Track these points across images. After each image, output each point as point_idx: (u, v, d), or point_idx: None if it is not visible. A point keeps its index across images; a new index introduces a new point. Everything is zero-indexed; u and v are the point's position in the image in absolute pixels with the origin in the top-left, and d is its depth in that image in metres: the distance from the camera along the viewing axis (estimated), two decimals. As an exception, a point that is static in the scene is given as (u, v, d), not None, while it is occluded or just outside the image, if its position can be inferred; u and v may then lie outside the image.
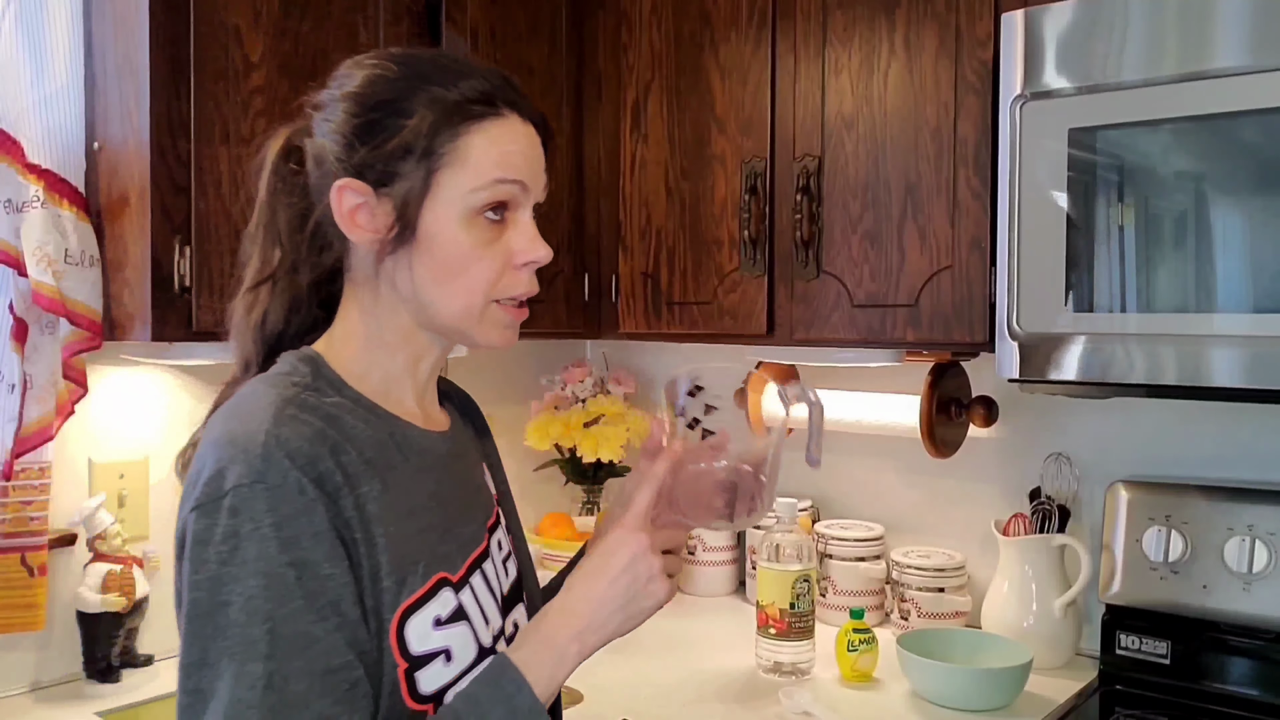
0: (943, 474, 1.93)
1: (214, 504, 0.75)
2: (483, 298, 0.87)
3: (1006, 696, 1.51)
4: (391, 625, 0.80)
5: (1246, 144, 1.25)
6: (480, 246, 0.85)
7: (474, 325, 0.88)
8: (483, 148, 0.85)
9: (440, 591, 0.84)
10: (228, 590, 0.74)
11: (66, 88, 1.48)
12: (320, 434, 0.79)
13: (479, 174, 0.84)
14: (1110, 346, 1.34)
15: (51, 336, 1.49)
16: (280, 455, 0.76)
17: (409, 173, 0.83)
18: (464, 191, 0.84)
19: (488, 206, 0.85)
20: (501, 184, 0.85)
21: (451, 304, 0.86)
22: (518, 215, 0.88)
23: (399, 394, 0.90)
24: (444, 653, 0.83)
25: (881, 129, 1.61)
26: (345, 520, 0.78)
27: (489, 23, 1.77)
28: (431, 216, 0.84)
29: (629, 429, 2.16)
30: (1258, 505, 1.54)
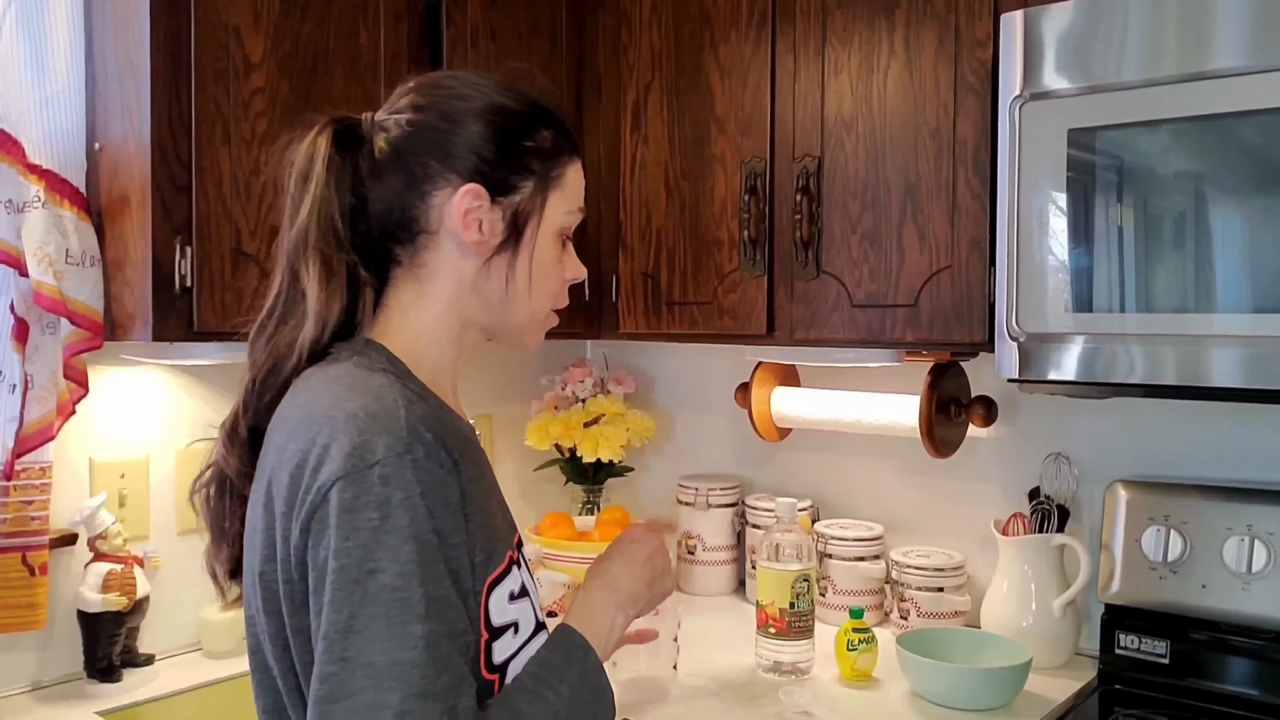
0: (942, 474, 1.93)
1: (363, 474, 0.78)
2: (549, 306, 1.00)
3: (1006, 696, 1.51)
4: (483, 596, 0.85)
5: (1246, 144, 1.25)
6: (556, 263, 0.99)
7: (532, 328, 1.00)
8: (575, 179, 0.99)
9: (514, 567, 0.91)
10: (379, 557, 0.76)
11: (67, 88, 1.48)
12: (437, 416, 0.86)
13: (574, 200, 0.99)
14: (1110, 346, 1.34)
15: (52, 336, 1.50)
16: (424, 432, 0.81)
17: (527, 189, 0.94)
18: (562, 213, 0.97)
19: (566, 230, 0.99)
20: (581, 212, 1.01)
21: (527, 309, 0.97)
22: (569, 240, 1.01)
23: (443, 385, 0.96)
24: (514, 625, 0.89)
25: (881, 129, 1.61)
26: (460, 495, 0.84)
27: (489, 23, 1.77)
28: (534, 230, 0.95)
29: (629, 429, 2.16)
30: (1257, 505, 1.54)
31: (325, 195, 0.90)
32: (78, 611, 1.56)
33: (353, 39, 1.57)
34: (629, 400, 2.26)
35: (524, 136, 0.95)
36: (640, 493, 2.38)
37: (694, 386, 2.30)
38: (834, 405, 1.94)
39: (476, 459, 0.91)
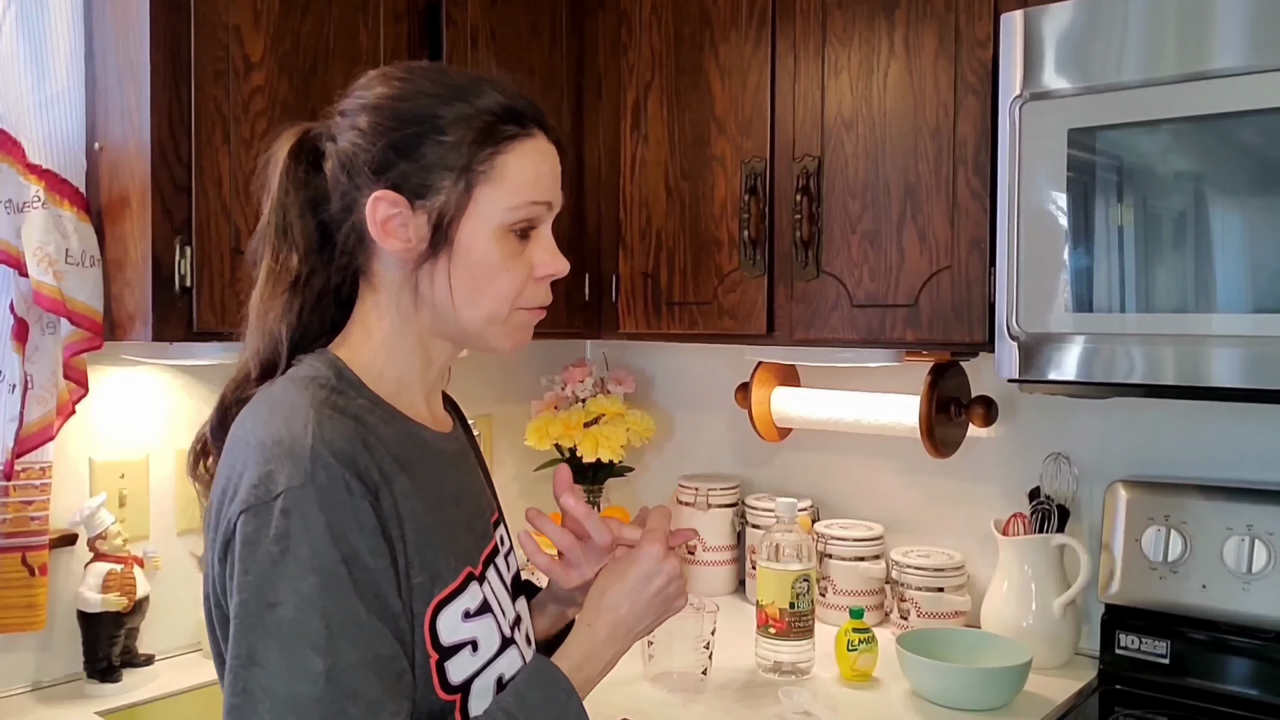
0: (942, 474, 1.93)
1: (265, 506, 0.77)
2: (508, 307, 0.90)
3: (1006, 696, 1.51)
4: (425, 619, 0.83)
5: (1246, 144, 1.25)
6: (508, 259, 0.89)
7: (498, 333, 0.92)
8: (518, 167, 0.89)
9: (469, 585, 0.88)
10: (279, 590, 0.75)
11: (67, 88, 1.48)
12: (356, 434, 0.82)
13: (515, 194, 0.88)
14: (1110, 346, 1.34)
15: (52, 336, 1.50)
16: (327, 455, 0.78)
17: (447, 187, 0.87)
18: (500, 209, 0.88)
19: (520, 225, 0.89)
20: (534, 205, 0.90)
21: (478, 313, 0.90)
22: (540, 230, 0.92)
23: (410, 396, 0.93)
24: (471, 643, 0.87)
25: (881, 129, 1.61)
26: (384, 516, 0.81)
27: (489, 23, 1.77)
28: (467, 230, 0.88)
29: (629, 429, 2.16)
30: (1257, 505, 1.54)
31: (280, 203, 0.89)
32: (78, 612, 1.56)
33: (353, 39, 1.57)
34: (629, 400, 2.26)
35: (439, 131, 0.86)
36: (640, 493, 2.38)
37: (694, 386, 2.30)
38: (834, 405, 1.94)
39: (431, 474, 0.89)
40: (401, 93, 0.88)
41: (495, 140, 0.87)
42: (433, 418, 0.96)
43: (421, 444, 0.90)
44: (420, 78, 0.89)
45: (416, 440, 0.90)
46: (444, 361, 0.96)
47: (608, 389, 2.25)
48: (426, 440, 0.91)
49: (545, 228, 0.92)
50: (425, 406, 0.95)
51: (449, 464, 0.94)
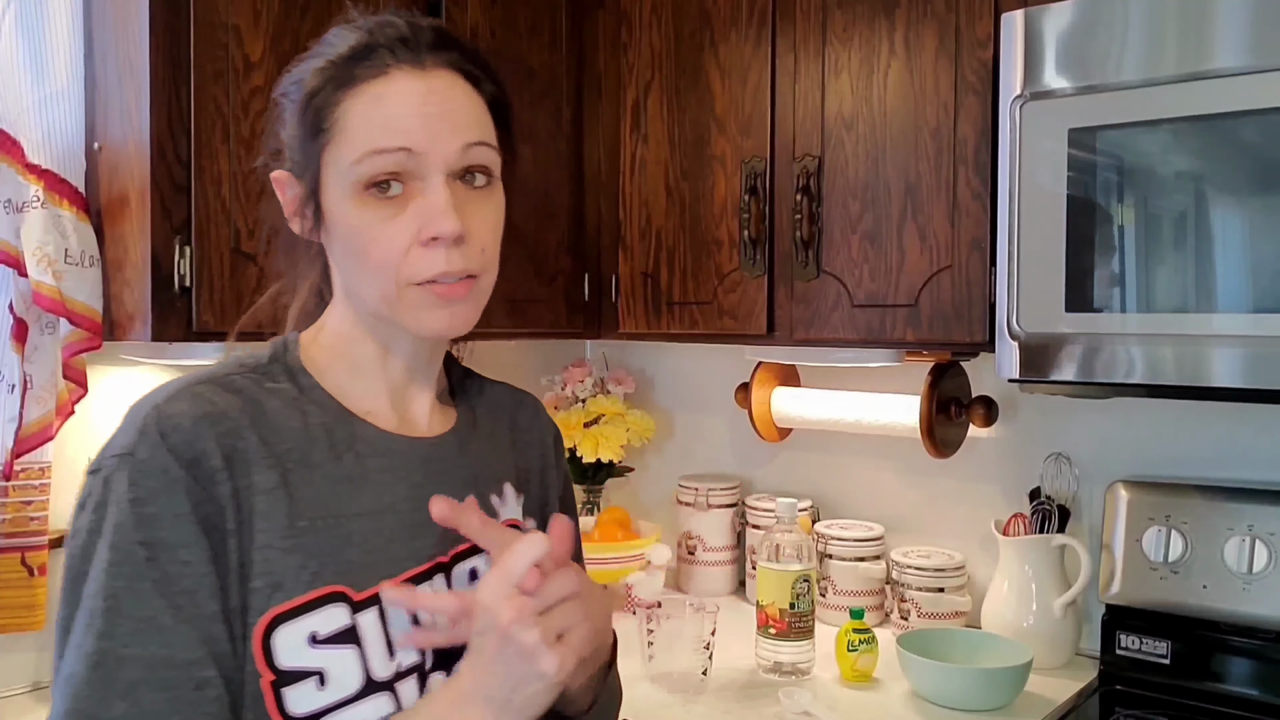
0: (943, 474, 1.93)
1: (95, 472, 0.75)
2: (393, 282, 0.78)
3: (1006, 696, 1.51)
4: (257, 631, 0.73)
5: (1246, 144, 1.25)
6: (375, 225, 0.77)
7: (398, 308, 0.80)
8: (358, 115, 0.77)
9: (328, 606, 0.75)
10: (88, 560, 0.71)
11: (67, 88, 1.48)
12: (217, 415, 0.75)
13: (354, 147, 0.77)
14: (1110, 346, 1.34)
15: (52, 336, 1.50)
16: (155, 431, 0.73)
17: (309, 154, 0.79)
18: (344, 168, 0.77)
19: (371, 183, 0.77)
20: (379, 155, 0.76)
21: (370, 290, 0.80)
22: (424, 185, 0.78)
23: (366, 390, 0.85)
24: (318, 674, 0.75)
25: (881, 129, 1.61)
26: (217, 507, 0.73)
27: (489, 23, 1.77)
28: (329, 199, 0.79)
29: (629, 429, 2.16)
30: (1257, 505, 1.54)
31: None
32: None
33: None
34: (629, 400, 2.26)
35: (294, 96, 0.80)
36: (640, 493, 2.38)
37: (694, 386, 2.30)
38: (834, 405, 1.94)
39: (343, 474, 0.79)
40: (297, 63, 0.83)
41: (337, 89, 0.78)
42: (400, 417, 0.86)
43: (348, 441, 0.81)
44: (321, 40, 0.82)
45: (343, 437, 0.81)
46: (409, 349, 0.85)
47: (608, 389, 2.25)
48: (365, 438, 0.82)
49: (429, 182, 0.77)
50: (390, 404, 0.85)
51: (393, 468, 0.82)
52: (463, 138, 0.79)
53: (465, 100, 0.80)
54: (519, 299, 1.83)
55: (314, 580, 0.75)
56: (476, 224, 0.80)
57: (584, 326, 1.98)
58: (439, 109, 0.78)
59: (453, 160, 0.78)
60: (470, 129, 0.79)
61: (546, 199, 1.88)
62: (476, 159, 0.80)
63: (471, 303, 0.81)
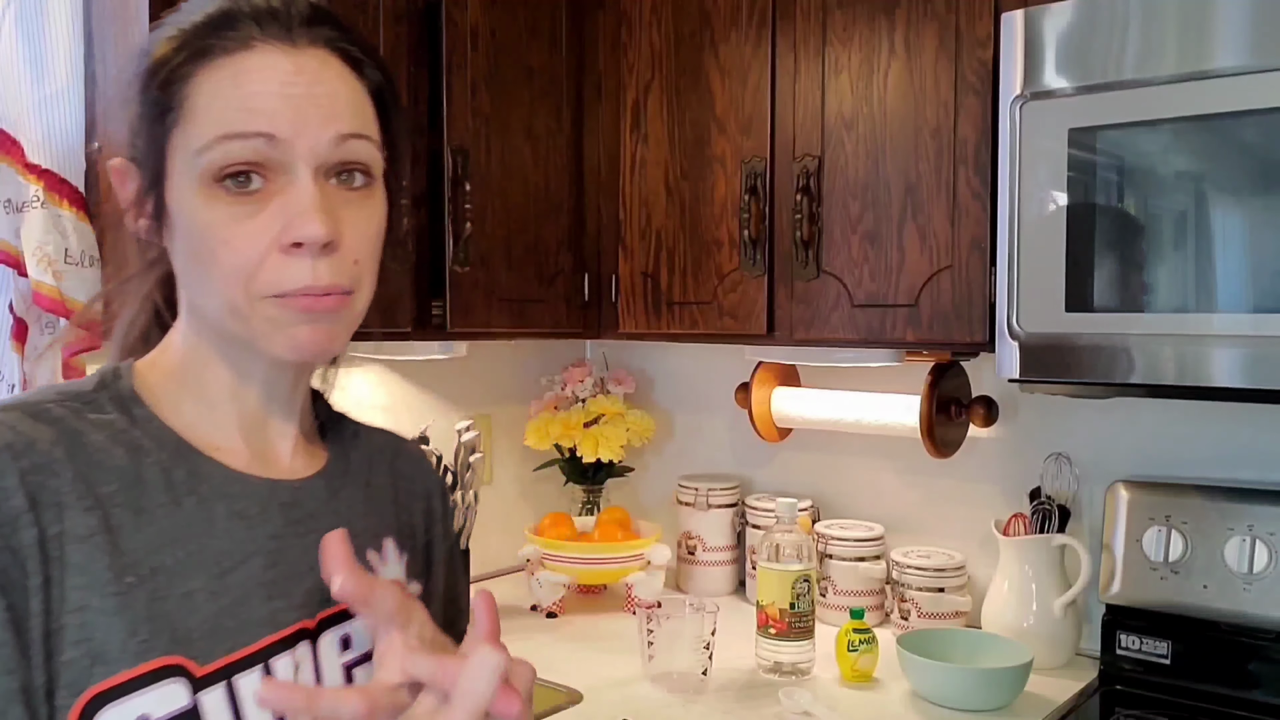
0: (943, 474, 1.93)
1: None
2: (243, 293, 0.65)
3: (1006, 696, 1.51)
4: (72, 715, 0.60)
5: (1246, 144, 1.25)
6: (227, 225, 0.64)
7: (249, 329, 0.67)
8: (212, 93, 0.65)
9: (163, 682, 0.62)
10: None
11: (67, 88, 1.48)
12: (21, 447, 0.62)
13: (204, 130, 0.64)
14: (1110, 346, 1.34)
15: (52, 337, 1.49)
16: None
17: (153, 138, 0.67)
18: (190, 155, 0.65)
19: (224, 174, 0.64)
20: (233, 141, 0.64)
21: (213, 301, 0.67)
22: (289, 180, 0.65)
23: (215, 424, 0.71)
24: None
25: (881, 129, 1.61)
26: (17, 558, 0.60)
27: (489, 23, 1.77)
28: (174, 192, 0.67)
29: (629, 429, 2.16)
30: (1258, 505, 1.54)
31: None
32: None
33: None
34: (629, 400, 2.26)
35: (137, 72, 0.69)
36: (640, 493, 2.38)
37: (694, 386, 2.30)
38: (834, 405, 1.94)
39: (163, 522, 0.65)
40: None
41: (187, 63, 0.66)
42: (255, 455, 0.72)
43: (190, 482, 0.68)
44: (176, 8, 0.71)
45: (183, 477, 0.67)
46: (266, 377, 0.72)
47: (608, 389, 2.25)
48: (211, 479, 0.69)
49: (296, 177, 0.65)
50: (241, 437, 0.72)
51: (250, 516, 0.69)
52: (336, 127, 0.66)
53: (341, 84, 0.68)
54: (519, 299, 1.83)
55: (145, 650, 0.62)
56: (351, 231, 0.67)
57: (584, 326, 1.98)
58: (308, 91, 0.65)
59: (323, 153, 0.66)
60: (346, 118, 0.67)
61: (546, 199, 1.88)
62: (353, 154, 0.68)
63: (342, 322, 0.69)
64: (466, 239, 1.69)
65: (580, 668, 1.65)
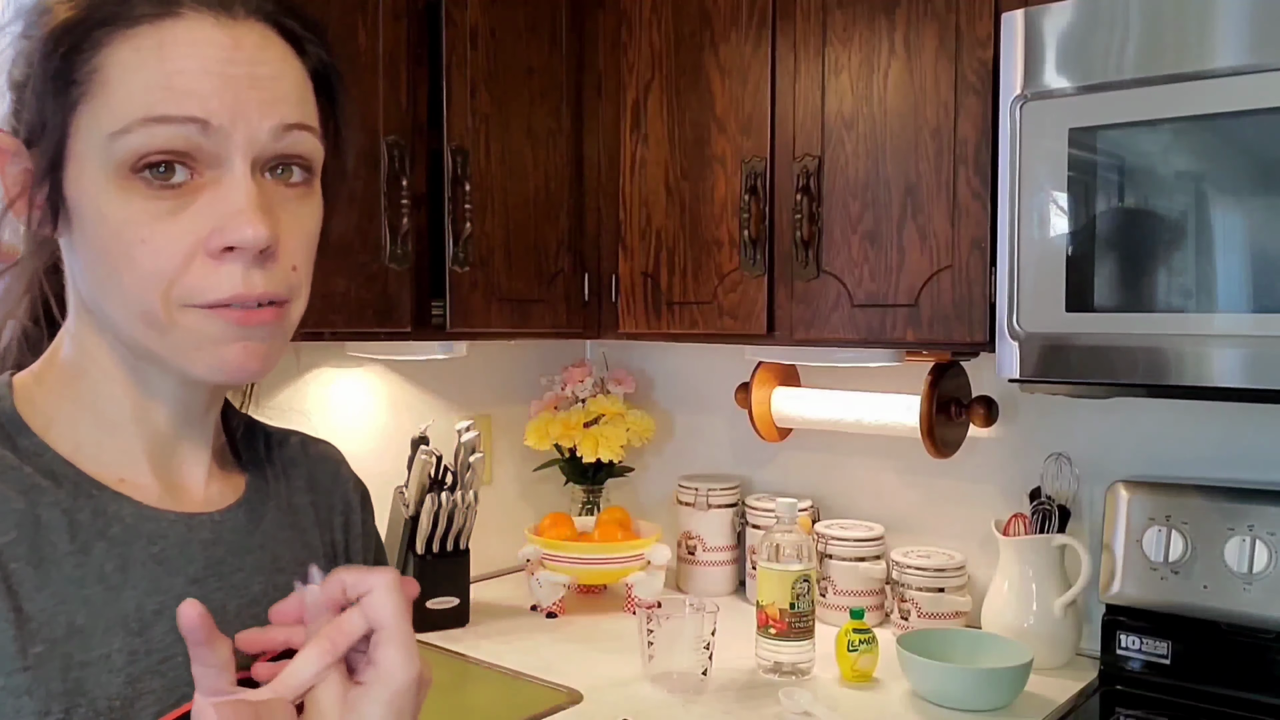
0: (943, 474, 1.93)
1: None
2: (160, 301, 0.57)
3: (1006, 696, 1.51)
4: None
5: (1246, 144, 1.25)
6: (144, 223, 0.56)
7: (166, 345, 0.58)
8: (131, 66, 0.55)
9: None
10: None
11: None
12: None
13: (120, 110, 0.55)
14: (1110, 346, 1.34)
15: None
16: None
17: (51, 114, 0.56)
18: (103, 138, 0.55)
19: (144, 163, 0.55)
20: (158, 125, 0.55)
21: (122, 311, 0.58)
22: (220, 174, 0.57)
23: (117, 451, 0.63)
24: None
25: (881, 129, 1.61)
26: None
27: (489, 23, 1.77)
28: (77, 180, 0.57)
29: (629, 429, 2.16)
30: (1258, 505, 1.54)
31: None
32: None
33: (351, 38, 1.57)
34: (629, 400, 2.26)
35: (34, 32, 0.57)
36: (640, 493, 2.38)
37: (694, 386, 2.30)
38: (834, 405, 1.94)
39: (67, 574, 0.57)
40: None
41: (99, 26, 0.56)
42: (165, 487, 0.64)
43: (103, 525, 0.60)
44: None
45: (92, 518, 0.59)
46: (178, 395, 0.63)
47: (608, 389, 2.25)
48: (123, 519, 0.61)
49: (230, 170, 0.57)
50: (148, 466, 0.64)
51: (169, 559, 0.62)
52: (279, 115, 0.58)
53: (283, 65, 0.59)
54: (519, 299, 1.83)
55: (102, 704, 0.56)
56: (288, 234, 0.59)
57: (584, 326, 1.98)
58: (248, 72, 0.57)
59: (263, 143, 0.58)
60: (290, 105, 0.59)
61: (546, 199, 1.87)
62: (295, 146, 0.59)
63: (277, 338, 0.61)
64: (466, 239, 1.69)
65: (580, 668, 1.65)
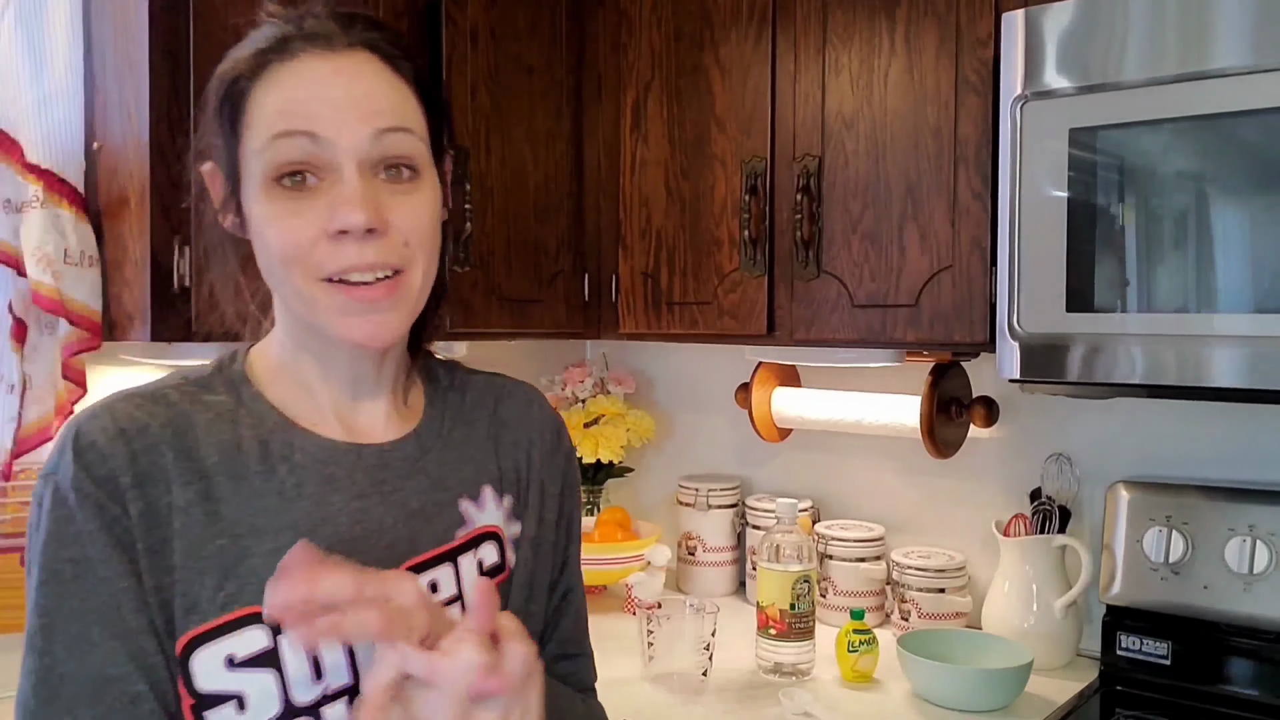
0: (943, 474, 1.93)
1: (35, 491, 0.74)
2: (301, 278, 0.73)
3: (1007, 697, 1.51)
4: (175, 652, 0.72)
5: (1247, 144, 1.25)
6: (281, 219, 0.73)
7: (317, 314, 0.75)
8: (262, 104, 0.73)
9: (247, 627, 0.72)
10: (31, 578, 0.73)
11: (66, 88, 1.48)
12: (134, 431, 0.73)
13: (258, 135, 0.73)
14: (1110, 346, 1.34)
15: (51, 337, 1.49)
16: (70, 450, 0.72)
17: (229, 149, 0.76)
18: (251, 159, 0.74)
19: (280, 173, 0.72)
20: (281, 140, 0.72)
21: (283, 290, 0.76)
22: (336, 175, 0.73)
23: (312, 404, 0.80)
24: (235, 698, 0.72)
25: (882, 129, 1.61)
26: (128, 525, 0.71)
27: (489, 23, 1.77)
28: (245, 194, 0.76)
29: (629, 429, 2.16)
30: (1258, 505, 1.54)
31: None
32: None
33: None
34: (629, 400, 2.26)
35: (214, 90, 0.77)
36: (640, 493, 2.38)
37: (694, 386, 2.30)
38: (834, 405, 1.94)
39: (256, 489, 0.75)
40: None
41: (247, 81, 0.74)
42: (349, 427, 0.81)
43: (284, 452, 0.77)
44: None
45: (277, 447, 0.77)
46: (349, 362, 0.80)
47: (608, 389, 2.25)
48: (305, 449, 0.78)
49: (343, 173, 0.72)
50: (333, 415, 0.81)
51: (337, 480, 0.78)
52: (374, 123, 0.73)
53: (378, 81, 0.75)
54: (519, 299, 1.83)
55: (230, 601, 0.72)
56: (398, 217, 0.74)
57: (584, 326, 1.98)
58: (345, 92, 0.73)
59: (365, 148, 0.73)
60: (384, 114, 0.74)
61: (546, 199, 1.87)
62: (394, 148, 0.74)
63: (395, 309, 0.75)
64: (466, 239, 1.69)
65: (580, 668, 1.65)
